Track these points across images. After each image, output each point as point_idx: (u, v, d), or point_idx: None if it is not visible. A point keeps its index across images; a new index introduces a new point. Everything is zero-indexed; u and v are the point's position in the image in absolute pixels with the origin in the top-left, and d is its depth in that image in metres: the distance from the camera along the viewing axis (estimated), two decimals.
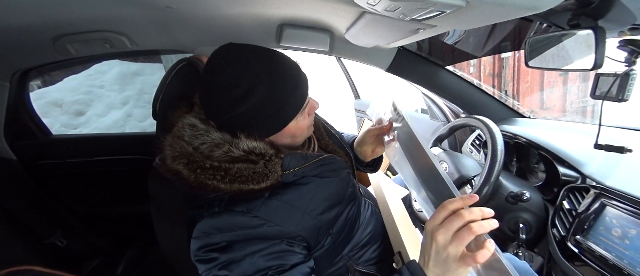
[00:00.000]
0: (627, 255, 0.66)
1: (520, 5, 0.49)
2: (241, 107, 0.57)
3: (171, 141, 0.61)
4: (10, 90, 1.23)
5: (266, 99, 0.58)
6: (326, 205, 0.63)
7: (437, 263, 0.50)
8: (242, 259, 0.54)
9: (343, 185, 0.68)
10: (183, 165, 0.57)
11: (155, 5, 0.88)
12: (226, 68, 0.57)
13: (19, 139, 1.33)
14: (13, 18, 0.87)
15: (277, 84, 0.58)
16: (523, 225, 0.90)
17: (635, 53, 0.71)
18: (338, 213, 0.66)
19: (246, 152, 0.59)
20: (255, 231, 0.56)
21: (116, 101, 4.58)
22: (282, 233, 0.57)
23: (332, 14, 0.95)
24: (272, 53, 0.61)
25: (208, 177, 0.56)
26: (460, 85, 1.32)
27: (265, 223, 0.56)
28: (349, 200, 0.69)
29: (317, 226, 0.62)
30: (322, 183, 0.64)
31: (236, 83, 0.56)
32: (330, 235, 0.66)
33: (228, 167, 0.57)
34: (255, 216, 0.56)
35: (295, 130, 0.66)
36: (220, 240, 0.56)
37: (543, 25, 0.96)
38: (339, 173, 0.68)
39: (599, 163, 0.88)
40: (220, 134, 0.61)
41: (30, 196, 1.38)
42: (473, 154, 1.27)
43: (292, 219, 0.59)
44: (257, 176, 0.57)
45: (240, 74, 0.56)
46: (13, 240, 1.27)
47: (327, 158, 0.68)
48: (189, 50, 1.20)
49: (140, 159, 1.42)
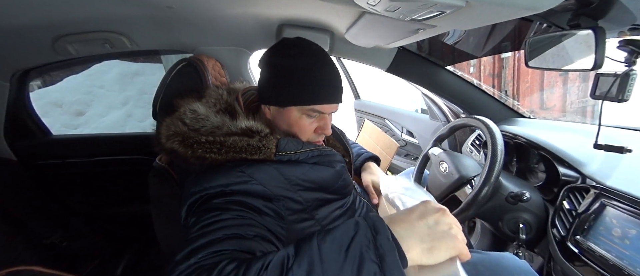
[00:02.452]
0: (627, 255, 0.66)
1: (520, 5, 0.50)
2: (281, 60, 0.66)
3: (169, 122, 0.64)
4: (10, 90, 1.23)
5: (298, 70, 0.65)
6: (310, 186, 0.65)
7: (421, 231, 0.45)
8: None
9: (335, 177, 0.70)
10: (178, 143, 0.60)
11: (155, 5, 0.89)
12: (296, 39, 0.70)
13: (19, 139, 1.33)
14: (13, 18, 0.87)
15: (311, 69, 0.65)
16: (523, 225, 0.90)
17: (635, 53, 0.71)
18: (321, 198, 0.68)
19: (243, 129, 0.63)
20: (238, 186, 0.57)
21: (116, 101, 4.58)
22: (263, 193, 0.59)
23: (332, 14, 0.95)
24: (329, 58, 0.69)
25: (205, 151, 0.59)
26: (460, 85, 1.32)
27: (250, 180, 0.58)
28: (336, 191, 0.71)
29: (296, 200, 0.63)
30: (316, 167, 0.67)
31: (291, 45, 0.68)
32: (316, 220, 0.67)
33: (223, 139, 0.60)
34: (242, 172, 0.59)
35: (294, 122, 0.68)
36: (204, 190, 0.57)
37: (543, 25, 0.96)
38: (334, 165, 0.71)
39: (599, 163, 0.88)
40: (219, 118, 0.64)
41: (30, 196, 1.38)
42: (473, 154, 1.27)
43: (276, 183, 0.61)
44: (250, 148, 0.60)
45: (301, 44, 0.68)
46: (13, 240, 1.27)
47: (326, 149, 0.72)
48: (189, 50, 1.20)
49: (140, 159, 1.42)
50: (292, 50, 0.67)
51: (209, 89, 0.74)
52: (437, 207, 0.48)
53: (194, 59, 0.91)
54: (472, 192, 0.85)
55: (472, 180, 0.95)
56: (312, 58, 0.67)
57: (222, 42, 1.17)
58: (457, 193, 0.97)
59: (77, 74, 4.71)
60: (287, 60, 0.66)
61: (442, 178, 1.01)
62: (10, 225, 1.28)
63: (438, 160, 1.05)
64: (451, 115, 1.56)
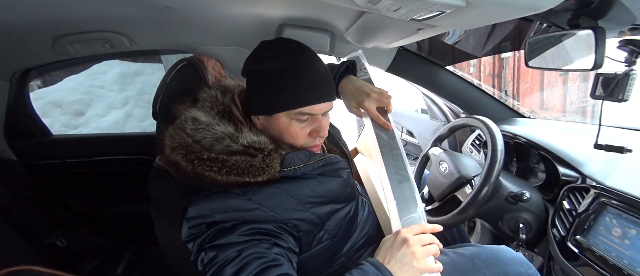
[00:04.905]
0: (627, 255, 0.66)
1: (520, 5, 0.49)
2: (259, 65, 0.63)
3: (172, 132, 0.62)
4: (10, 90, 1.23)
5: (276, 73, 0.61)
6: (321, 200, 0.64)
7: (397, 262, 0.58)
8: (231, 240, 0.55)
9: (343, 185, 0.69)
10: (181, 155, 0.58)
11: (156, 5, 0.88)
12: (274, 40, 0.67)
13: (19, 139, 1.33)
14: (13, 18, 0.87)
15: (288, 71, 0.61)
16: (523, 225, 0.90)
17: (635, 53, 0.71)
18: (332, 209, 0.67)
19: (245, 146, 0.60)
20: (248, 214, 0.57)
21: (116, 101, 4.57)
22: (274, 219, 0.58)
23: (332, 14, 0.95)
24: (311, 54, 0.65)
25: (205, 169, 0.57)
26: (460, 85, 1.32)
27: (259, 207, 0.57)
28: (345, 199, 0.70)
29: (309, 219, 0.62)
30: (323, 180, 0.65)
31: (268, 48, 0.64)
32: (326, 231, 0.66)
33: (225, 158, 0.58)
34: (250, 199, 0.57)
35: (284, 129, 0.64)
36: (213, 220, 0.56)
37: (543, 25, 0.96)
38: (341, 173, 0.69)
39: (599, 163, 0.88)
40: (222, 127, 0.61)
41: (30, 196, 1.38)
42: (473, 154, 1.27)
43: (286, 206, 0.59)
44: (253, 169, 0.58)
45: (277, 45, 0.64)
46: (13, 240, 1.27)
47: (331, 158, 0.68)
48: (189, 50, 1.20)
49: (140, 159, 1.41)
50: (268, 52, 0.63)
51: (202, 92, 0.70)
52: (401, 239, 0.60)
53: (194, 58, 0.91)
54: (472, 192, 0.85)
55: (472, 180, 0.95)
56: (289, 58, 0.62)
57: (222, 42, 1.17)
58: (457, 193, 0.97)
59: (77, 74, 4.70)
60: (264, 64, 0.62)
61: (442, 178, 1.01)
62: (10, 225, 1.28)
63: (438, 160, 1.05)
64: (451, 115, 1.56)
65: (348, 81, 0.82)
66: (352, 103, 0.80)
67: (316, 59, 0.65)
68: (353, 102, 0.80)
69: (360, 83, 0.81)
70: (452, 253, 0.79)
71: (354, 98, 0.80)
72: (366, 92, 0.78)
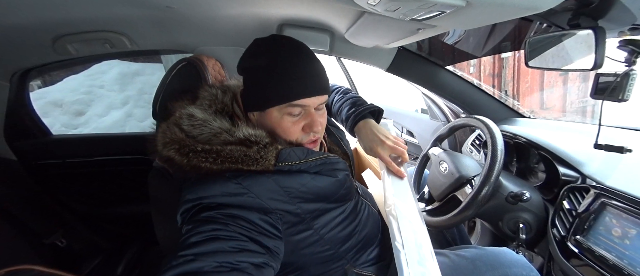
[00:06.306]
0: (627, 255, 0.66)
1: (520, 5, 0.49)
2: (249, 62, 0.65)
3: (165, 128, 0.62)
4: (10, 90, 1.23)
5: (265, 69, 0.62)
6: (310, 197, 0.63)
7: None
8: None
9: (337, 186, 0.67)
10: (174, 150, 0.58)
11: (155, 5, 0.88)
12: (266, 37, 0.67)
13: (19, 139, 1.33)
14: (13, 18, 0.87)
15: (277, 65, 0.61)
16: (523, 225, 0.90)
17: (635, 53, 0.71)
18: (321, 208, 0.65)
19: (241, 138, 0.60)
20: (235, 199, 0.56)
21: (116, 101, 4.58)
22: (260, 207, 0.58)
23: (332, 14, 0.95)
24: (302, 49, 0.65)
25: (201, 160, 0.57)
26: (460, 85, 1.32)
27: (247, 193, 0.57)
28: (338, 200, 0.69)
29: (295, 212, 0.62)
30: (316, 178, 0.64)
31: (259, 45, 0.65)
32: (315, 230, 0.65)
33: (220, 148, 0.58)
34: (239, 184, 0.57)
35: (276, 124, 0.65)
36: (200, 201, 0.56)
37: (543, 25, 0.96)
38: (337, 174, 0.68)
39: (599, 163, 0.88)
40: (219, 123, 0.62)
41: (30, 196, 1.38)
42: (473, 154, 1.27)
43: (274, 196, 0.59)
44: (247, 159, 0.58)
45: (268, 41, 0.65)
46: (13, 240, 1.27)
47: (329, 158, 0.68)
48: (189, 50, 1.20)
49: (140, 159, 1.42)
50: (260, 49, 0.65)
51: (202, 90, 0.70)
52: None
53: (194, 58, 0.91)
54: (472, 192, 0.85)
55: (472, 180, 0.95)
56: (278, 53, 0.62)
57: (222, 42, 1.17)
58: (457, 193, 0.97)
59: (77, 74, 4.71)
60: (255, 60, 0.64)
61: (442, 178, 1.00)
62: (10, 225, 1.28)
63: (438, 160, 1.05)
64: (451, 115, 1.56)
65: (365, 123, 0.86)
66: (366, 147, 0.84)
67: (307, 54, 0.65)
68: (367, 146, 0.84)
69: (377, 128, 0.84)
70: (453, 255, 0.79)
71: (368, 142, 0.83)
72: (381, 138, 0.81)
